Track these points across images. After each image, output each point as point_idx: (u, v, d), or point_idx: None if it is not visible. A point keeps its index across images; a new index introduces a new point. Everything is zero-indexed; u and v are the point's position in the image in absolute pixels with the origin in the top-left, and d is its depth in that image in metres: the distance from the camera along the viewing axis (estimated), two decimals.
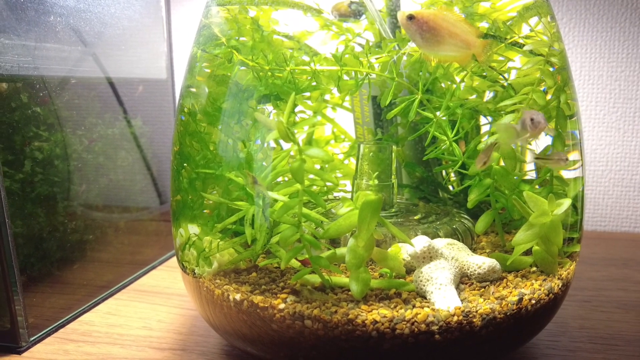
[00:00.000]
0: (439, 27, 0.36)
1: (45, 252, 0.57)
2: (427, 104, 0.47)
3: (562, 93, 0.43)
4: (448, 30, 0.36)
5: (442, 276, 0.40)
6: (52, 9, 0.56)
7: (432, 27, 0.36)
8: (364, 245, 0.38)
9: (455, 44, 0.37)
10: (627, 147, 0.85)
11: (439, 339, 0.37)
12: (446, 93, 0.51)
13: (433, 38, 0.36)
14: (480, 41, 0.38)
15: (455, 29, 0.37)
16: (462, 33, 0.37)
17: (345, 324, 0.37)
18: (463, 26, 0.38)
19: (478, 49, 0.38)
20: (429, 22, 0.36)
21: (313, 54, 0.53)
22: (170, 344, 0.54)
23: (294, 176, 0.36)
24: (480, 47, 0.38)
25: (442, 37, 0.36)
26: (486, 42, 0.39)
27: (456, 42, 0.37)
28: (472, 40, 0.37)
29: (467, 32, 0.37)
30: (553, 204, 0.41)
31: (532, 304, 0.41)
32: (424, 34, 0.36)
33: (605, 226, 0.89)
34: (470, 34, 0.37)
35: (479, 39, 0.38)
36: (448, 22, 0.37)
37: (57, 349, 0.53)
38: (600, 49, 0.83)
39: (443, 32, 0.36)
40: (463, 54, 0.37)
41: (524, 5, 0.49)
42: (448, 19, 0.37)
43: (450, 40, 0.37)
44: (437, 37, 0.36)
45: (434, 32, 0.36)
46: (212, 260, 0.42)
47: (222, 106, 0.43)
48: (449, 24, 0.37)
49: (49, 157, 0.57)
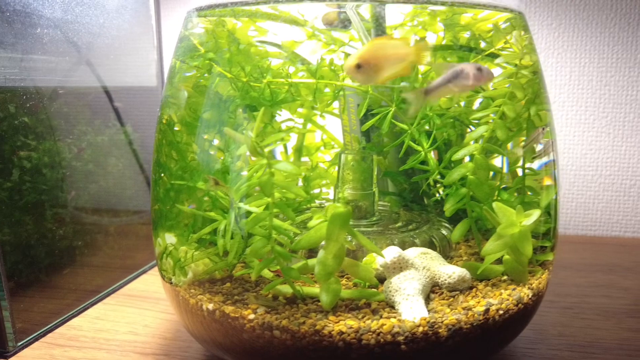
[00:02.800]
0: (380, 58, 0.37)
1: (33, 258, 0.58)
2: (401, 115, 0.48)
3: (532, 105, 0.44)
4: (385, 56, 0.37)
5: (410, 287, 0.41)
6: (39, 22, 0.57)
7: (376, 63, 0.37)
8: (332, 257, 0.39)
9: (394, 62, 0.38)
10: (617, 152, 0.85)
11: (405, 349, 0.38)
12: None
13: (378, 71, 0.37)
14: (412, 48, 0.39)
15: (390, 50, 0.38)
16: (396, 50, 0.38)
17: (313, 334, 0.38)
18: (394, 43, 0.39)
19: (413, 55, 0.39)
20: (372, 60, 0.37)
21: (301, 64, 0.53)
22: (154, 349, 0.55)
23: (263, 189, 0.37)
24: (415, 53, 0.39)
25: (383, 66, 0.37)
26: (418, 46, 0.39)
27: (394, 61, 0.38)
28: (405, 51, 0.38)
29: (399, 47, 0.38)
30: (521, 215, 0.42)
31: (500, 314, 0.41)
32: (370, 73, 0.37)
33: (595, 231, 0.89)
34: (402, 47, 0.38)
35: (410, 47, 0.38)
36: (383, 48, 0.37)
37: (43, 353, 0.55)
38: (590, 54, 0.83)
39: (383, 61, 0.37)
40: (403, 68, 0.38)
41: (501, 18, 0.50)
42: (381, 45, 0.38)
43: (390, 64, 0.37)
44: (380, 68, 0.37)
45: (378, 66, 0.37)
46: (187, 270, 0.43)
47: (199, 117, 0.44)
48: (384, 50, 0.37)
49: (37, 165, 0.59)
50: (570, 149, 0.87)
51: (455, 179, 0.48)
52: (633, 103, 0.84)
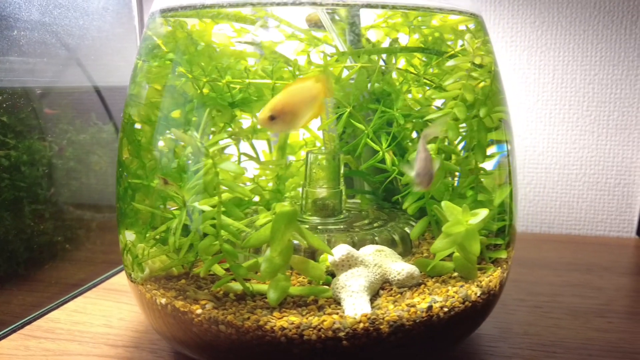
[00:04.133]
0: (295, 104, 0.37)
1: (11, 253, 0.61)
2: (356, 115, 0.48)
3: (483, 106, 0.44)
4: (301, 100, 0.37)
5: (355, 284, 0.42)
6: (16, 24, 0.59)
7: (291, 110, 0.37)
8: (278, 255, 0.40)
9: (309, 104, 0.38)
10: (601, 150, 0.85)
11: (346, 345, 0.39)
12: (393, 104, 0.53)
13: (294, 118, 0.37)
14: (321, 85, 0.39)
15: (304, 93, 0.38)
16: (309, 92, 0.38)
17: (256, 329, 0.39)
18: (305, 85, 0.39)
19: (323, 92, 0.39)
20: (286, 108, 0.37)
21: (275, 63, 0.54)
22: (125, 342, 0.57)
23: (206, 189, 0.38)
24: (325, 89, 0.39)
25: (299, 111, 0.37)
26: (325, 81, 0.40)
27: (309, 102, 0.38)
28: (317, 90, 0.38)
29: (311, 87, 0.38)
30: (467, 214, 0.43)
31: (445, 312, 0.42)
32: (286, 121, 0.37)
33: (579, 230, 0.88)
34: (314, 87, 0.38)
35: (320, 84, 0.39)
36: (296, 93, 0.37)
37: (19, 344, 0.57)
38: (573, 52, 0.82)
39: (299, 107, 0.37)
40: (319, 107, 0.39)
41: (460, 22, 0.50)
42: (295, 91, 0.37)
43: (307, 107, 0.37)
44: (296, 114, 0.37)
45: (294, 113, 0.37)
46: (144, 267, 0.45)
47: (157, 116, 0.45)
48: (298, 95, 0.37)
49: (15, 163, 0.61)
50: (554, 147, 0.86)
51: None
52: (617, 101, 0.83)
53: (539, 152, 0.87)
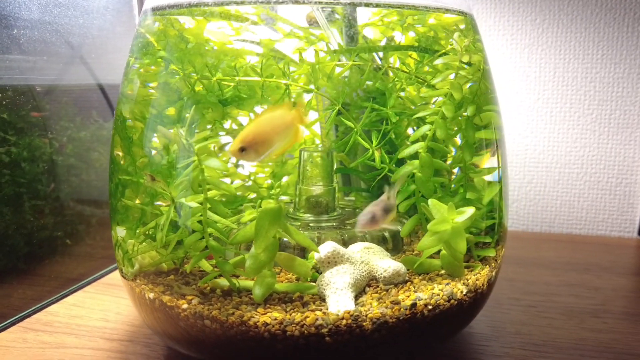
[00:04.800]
0: (267, 134, 0.37)
1: (11, 247, 0.62)
2: (345, 113, 0.49)
3: (470, 105, 0.44)
4: (273, 130, 0.37)
5: (340, 280, 0.42)
6: (16, 23, 0.60)
7: (262, 141, 0.37)
8: (262, 251, 0.41)
9: (283, 132, 0.38)
10: (602, 149, 0.84)
11: (329, 341, 0.39)
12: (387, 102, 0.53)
13: (267, 147, 0.37)
14: (294, 112, 0.39)
15: (276, 122, 0.38)
16: (282, 120, 0.38)
17: (240, 325, 0.39)
18: (278, 114, 0.39)
19: (298, 119, 0.39)
20: (257, 139, 0.37)
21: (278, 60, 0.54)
22: (121, 335, 0.58)
23: (191, 185, 0.39)
24: (299, 116, 0.39)
25: (272, 140, 0.37)
26: (299, 108, 0.40)
27: (283, 131, 0.38)
28: (290, 118, 0.38)
29: (284, 116, 0.38)
30: (453, 212, 0.43)
31: (429, 310, 0.42)
32: (259, 150, 0.37)
33: (580, 229, 0.88)
34: (287, 115, 0.38)
35: (293, 112, 0.39)
36: (267, 123, 0.38)
37: (17, 337, 0.58)
38: (575, 50, 0.81)
39: (271, 136, 0.37)
40: (294, 134, 0.39)
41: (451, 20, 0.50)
42: (266, 121, 0.38)
43: (280, 136, 0.38)
44: (269, 144, 0.37)
45: (266, 143, 0.37)
46: (134, 262, 0.45)
47: (149, 114, 0.46)
48: (269, 124, 0.37)
49: (16, 159, 0.62)
50: (555, 146, 0.86)
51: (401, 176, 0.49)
52: (619, 100, 0.82)
53: (540, 150, 0.86)
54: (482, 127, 0.46)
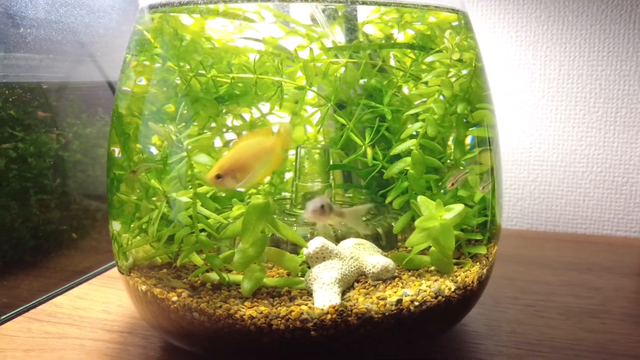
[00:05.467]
0: (246, 160, 0.37)
1: (17, 240, 0.64)
2: (337, 110, 0.49)
3: (461, 102, 0.44)
4: (253, 156, 0.38)
5: (327, 276, 0.42)
6: (22, 22, 0.61)
7: (240, 167, 0.37)
8: (250, 246, 0.41)
9: (264, 158, 0.38)
10: (608, 148, 0.83)
11: (315, 335, 0.40)
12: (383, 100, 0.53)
13: (245, 173, 0.37)
14: (277, 137, 0.39)
15: (255, 148, 0.38)
16: (262, 145, 0.38)
17: (226, 318, 0.40)
18: (257, 140, 0.39)
19: (280, 143, 0.39)
20: (234, 166, 0.37)
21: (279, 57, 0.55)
22: (121, 327, 0.59)
23: (180, 181, 0.39)
24: (281, 141, 0.39)
25: (251, 167, 0.37)
26: (282, 132, 0.40)
27: (264, 156, 0.38)
28: (272, 142, 0.39)
29: (264, 141, 0.39)
30: (441, 209, 0.43)
31: (416, 306, 0.42)
32: (237, 177, 0.37)
33: (586, 229, 0.87)
34: (267, 140, 0.39)
35: (275, 137, 0.39)
36: (246, 150, 0.38)
37: (22, 327, 0.60)
38: (580, 47, 0.80)
39: (251, 162, 0.37)
40: (276, 159, 0.39)
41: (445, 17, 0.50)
42: (244, 148, 0.38)
43: (260, 161, 0.38)
44: (247, 170, 0.37)
45: (245, 169, 0.37)
46: (128, 255, 0.46)
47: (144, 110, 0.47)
48: (248, 151, 0.38)
49: (23, 155, 0.64)
50: (560, 144, 0.85)
51: (394, 173, 0.50)
52: (625, 97, 0.81)
53: (545, 149, 0.86)
54: (473, 125, 0.46)
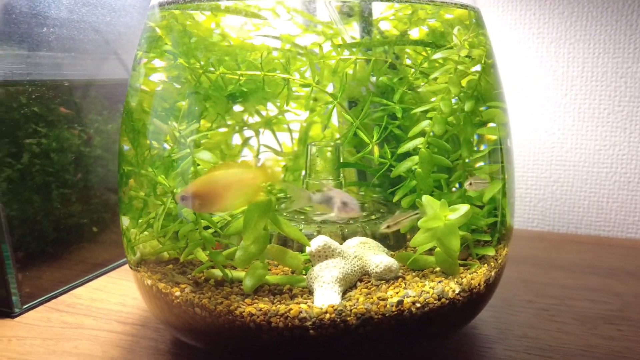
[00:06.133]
0: (216, 188, 0.38)
1: (40, 233, 0.66)
2: (343, 107, 0.49)
3: (469, 100, 0.43)
4: (224, 185, 0.38)
5: (328, 274, 0.42)
6: (45, 22, 0.64)
7: (207, 193, 0.38)
8: (251, 243, 0.42)
9: (237, 189, 0.38)
10: (633, 148, 0.80)
11: (314, 334, 0.40)
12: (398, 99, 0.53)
13: (213, 200, 0.38)
14: (260, 170, 0.39)
15: (230, 178, 0.38)
16: (238, 177, 0.38)
17: (227, 314, 0.41)
18: (236, 171, 0.39)
19: (262, 177, 0.39)
20: (201, 191, 0.38)
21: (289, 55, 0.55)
22: (134, 319, 0.61)
23: (182, 177, 0.40)
24: (265, 174, 0.39)
25: (219, 195, 0.38)
26: (267, 166, 0.40)
27: (237, 188, 0.38)
28: (252, 175, 0.39)
29: (243, 173, 0.39)
30: (446, 209, 0.42)
31: (418, 308, 0.42)
32: (203, 202, 0.38)
33: (609, 231, 0.84)
34: (247, 172, 0.39)
35: (258, 170, 0.39)
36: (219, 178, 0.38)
37: (43, 316, 0.62)
38: (605, 43, 0.78)
39: (220, 191, 0.38)
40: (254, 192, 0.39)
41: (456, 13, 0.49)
42: (218, 177, 0.38)
43: (232, 192, 0.38)
44: (215, 199, 0.38)
45: (212, 197, 0.38)
46: (136, 250, 0.48)
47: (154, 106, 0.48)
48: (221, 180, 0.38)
49: (46, 150, 0.66)
50: (584, 144, 0.82)
51: (401, 172, 0.49)
52: None
53: (567, 148, 0.83)
54: (482, 123, 0.45)
